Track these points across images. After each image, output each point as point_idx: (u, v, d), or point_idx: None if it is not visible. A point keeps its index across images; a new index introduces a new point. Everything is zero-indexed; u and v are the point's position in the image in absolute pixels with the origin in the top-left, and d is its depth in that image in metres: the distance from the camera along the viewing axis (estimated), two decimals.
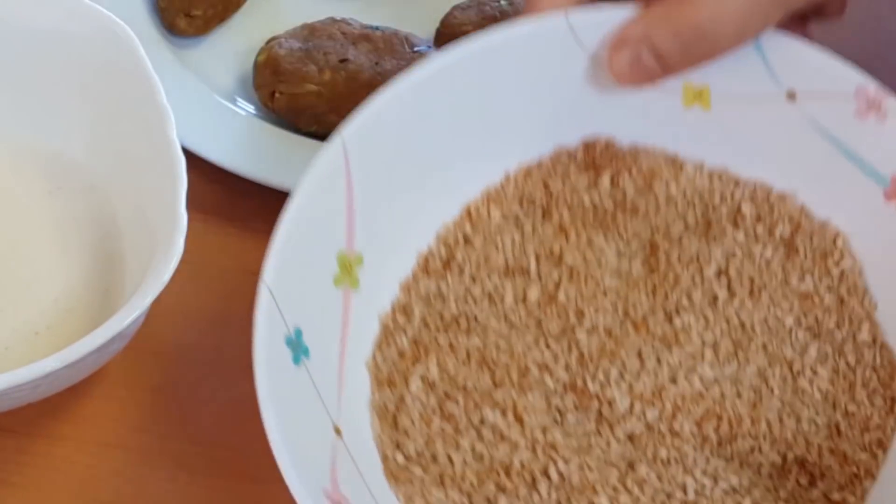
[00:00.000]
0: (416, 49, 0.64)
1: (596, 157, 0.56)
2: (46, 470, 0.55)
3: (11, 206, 0.59)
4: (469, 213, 0.56)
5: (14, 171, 0.59)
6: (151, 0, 0.68)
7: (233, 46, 0.68)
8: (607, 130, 0.57)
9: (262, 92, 0.64)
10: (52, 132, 0.60)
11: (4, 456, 0.55)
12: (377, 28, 0.65)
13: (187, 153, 0.55)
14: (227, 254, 0.51)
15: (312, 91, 0.62)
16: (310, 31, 0.65)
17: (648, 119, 0.56)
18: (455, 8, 0.66)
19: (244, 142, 0.63)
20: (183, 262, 0.50)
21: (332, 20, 0.65)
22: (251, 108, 0.65)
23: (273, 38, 0.65)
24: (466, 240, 0.55)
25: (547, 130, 0.57)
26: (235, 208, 0.51)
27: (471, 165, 0.56)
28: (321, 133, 0.62)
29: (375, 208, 0.54)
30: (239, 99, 0.66)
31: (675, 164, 0.56)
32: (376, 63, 0.63)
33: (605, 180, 0.56)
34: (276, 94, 0.63)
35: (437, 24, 0.67)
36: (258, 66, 0.64)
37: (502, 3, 0.65)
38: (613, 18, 0.53)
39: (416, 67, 0.54)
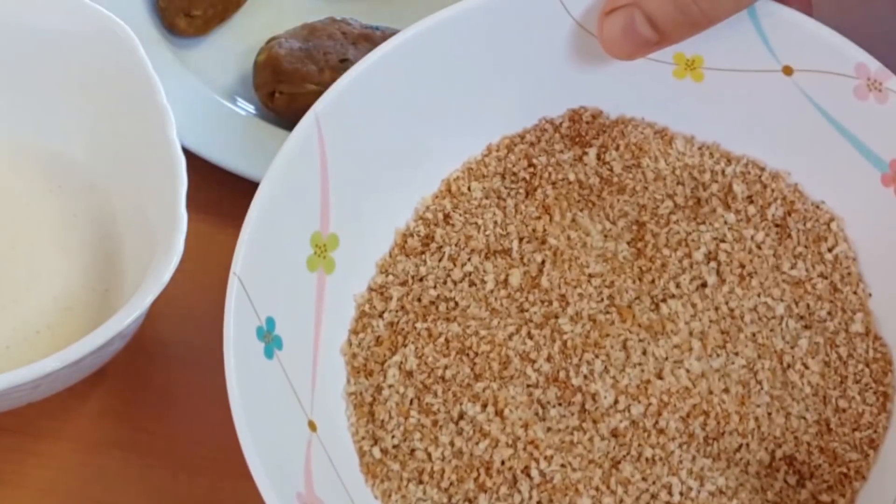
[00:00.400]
0: None
1: (582, 128, 0.54)
2: (46, 470, 0.55)
3: (11, 205, 0.58)
4: (449, 187, 0.54)
5: (14, 170, 0.59)
6: (151, 0, 0.68)
7: (233, 46, 0.68)
8: (594, 102, 0.54)
9: (262, 92, 0.63)
10: (52, 132, 0.59)
11: (4, 456, 0.55)
12: (377, 28, 0.65)
13: (187, 153, 0.55)
14: (226, 254, 0.49)
15: (312, 91, 0.61)
16: (310, 31, 0.64)
17: (637, 90, 0.54)
18: None
19: (244, 142, 0.62)
20: (183, 262, 0.50)
21: (332, 20, 0.65)
22: (251, 108, 0.65)
23: (273, 38, 0.64)
24: (446, 217, 0.53)
25: (531, 102, 0.54)
26: (235, 208, 0.51)
27: (451, 136, 0.54)
28: None
29: (351, 185, 0.52)
30: (239, 99, 0.66)
31: (665, 137, 0.54)
32: None
33: (592, 155, 0.54)
34: (276, 94, 0.63)
35: None
36: (258, 66, 0.64)
37: None
38: None
39: (392, 37, 0.51)
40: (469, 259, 0.52)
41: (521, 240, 0.53)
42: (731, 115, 0.53)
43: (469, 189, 0.54)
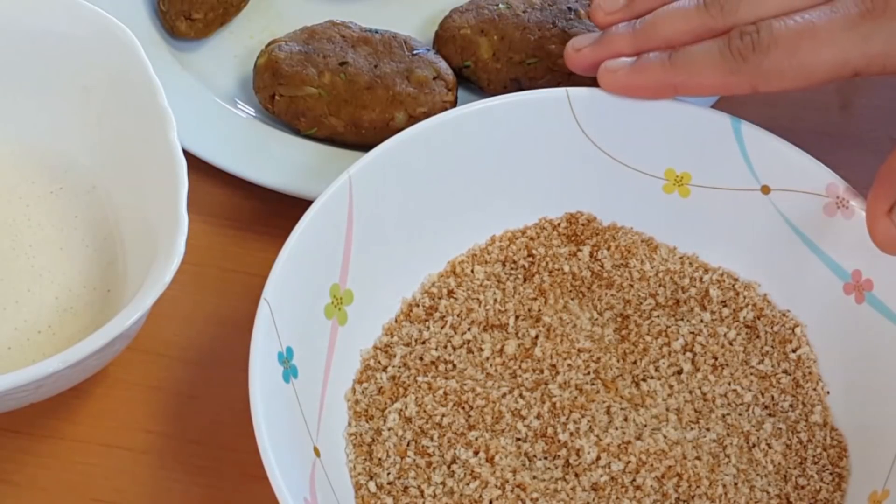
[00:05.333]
0: (415, 52, 0.65)
1: (578, 229, 0.60)
2: (47, 469, 0.55)
3: (13, 206, 0.59)
4: (454, 268, 0.59)
5: (16, 171, 0.60)
6: (152, 3, 0.69)
7: (233, 49, 0.69)
8: (590, 208, 0.60)
9: (262, 94, 0.64)
10: (54, 133, 0.60)
11: (5, 455, 0.56)
12: (376, 31, 0.66)
13: (188, 155, 0.56)
14: (227, 255, 0.51)
15: (312, 94, 0.63)
16: (309, 35, 0.65)
17: (629, 202, 0.60)
18: (454, 11, 0.67)
19: (244, 144, 0.64)
20: (183, 263, 0.51)
21: (332, 23, 0.66)
22: (251, 111, 0.66)
23: (273, 41, 0.65)
24: (450, 292, 0.58)
25: (533, 201, 0.60)
26: (236, 210, 0.52)
27: (460, 222, 0.59)
28: (321, 135, 0.64)
29: (369, 250, 0.57)
30: (239, 101, 0.66)
31: (651, 245, 0.60)
32: (375, 66, 0.64)
33: (585, 252, 0.59)
34: (276, 97, 0.64)
35: (435, 27, 0.68)
36: (258, 69, 0.64)
37: (500, 6, 0.66)
38: (611, 97, 0.57)
39: (430, 119, 0.57)
40: (469, 329, 0.57)
41: (517, 317, 0.58)
42: (711, 229, 0.59)
43: (472, 271, 0.59)
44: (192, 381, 0.58)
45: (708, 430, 0.55)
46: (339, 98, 0.63)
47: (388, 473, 0.53)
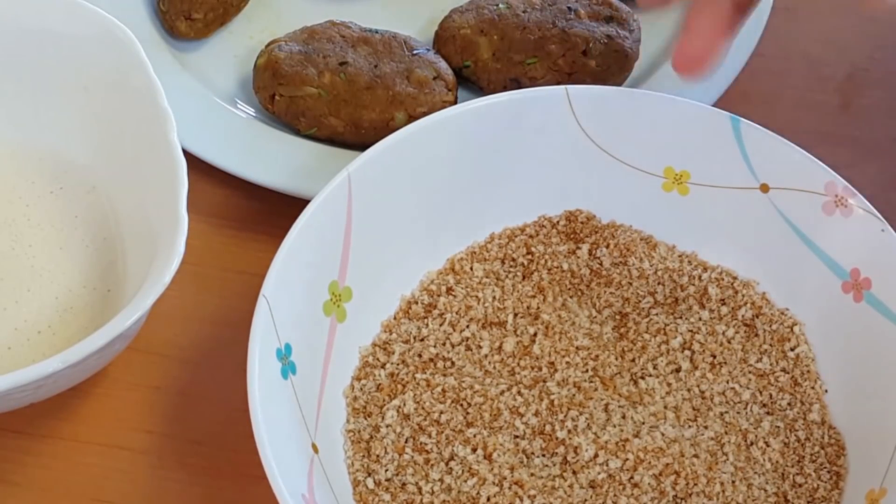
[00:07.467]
0: (415, 52, 0.65)
1: (577, 227, 0.60)
2: (46, 470, 0.56)
3: (13, 206, 0.59)
4: (453, 265, 0.59)
5: (16, 171, 0.60)
6: (152, 3, 0.69)
7: (233, 49, 0.69)
8: (589, 206, 0.61)
9: (262, 94, 0.64)
10: (54, 133, 0.60)
11: (5, 455, 0.56)
12: (376, 31, 0.66)
13: (188, 155, 0.56)
14: (226, 255, 0.51)
15: (312, 93, 0.63)
16: (309, 35, 0.65)
17: (629, 200, 0.60)
18: (454, 11, 0.67)
19: (244, 144, 0.64)
20: (183, 263, 0.51)
21: (332, 23, 0.66)
22: (251, 111, 0.66)
23: (273, 41, 0.65)
24: (449, 290, 0.58)
25: (533, 199, 0.60)
26: (236, 210, 0.52)
27: (459, 219, 0.59)
28: (321, 135, 0.64)
29: (368, 247, 0.57)
30: (239, 101, 0.66)
31: (649, 243, 0.60)
32: (375, 66, 0.64)
33: (584, 250, 0.59)
34: (276, 97, 0.64)
35: (435, 27, 0.68)
36: (258, 69, 0.65)
37: (500, 6, 0.66)
38: (610, 95, 0.58)
39: (428, 116, 0.58)
40: (468, 326, 0.57)
41: (516, 315, 0.58)
42: (710, 227, 0.59)
43: (471, 269, 0.59)
44: (192, 381, 0.58)
45: (706, 427, 0.55)
46: (339, 98, 0.63)
47: (386, 470, 0.53)
